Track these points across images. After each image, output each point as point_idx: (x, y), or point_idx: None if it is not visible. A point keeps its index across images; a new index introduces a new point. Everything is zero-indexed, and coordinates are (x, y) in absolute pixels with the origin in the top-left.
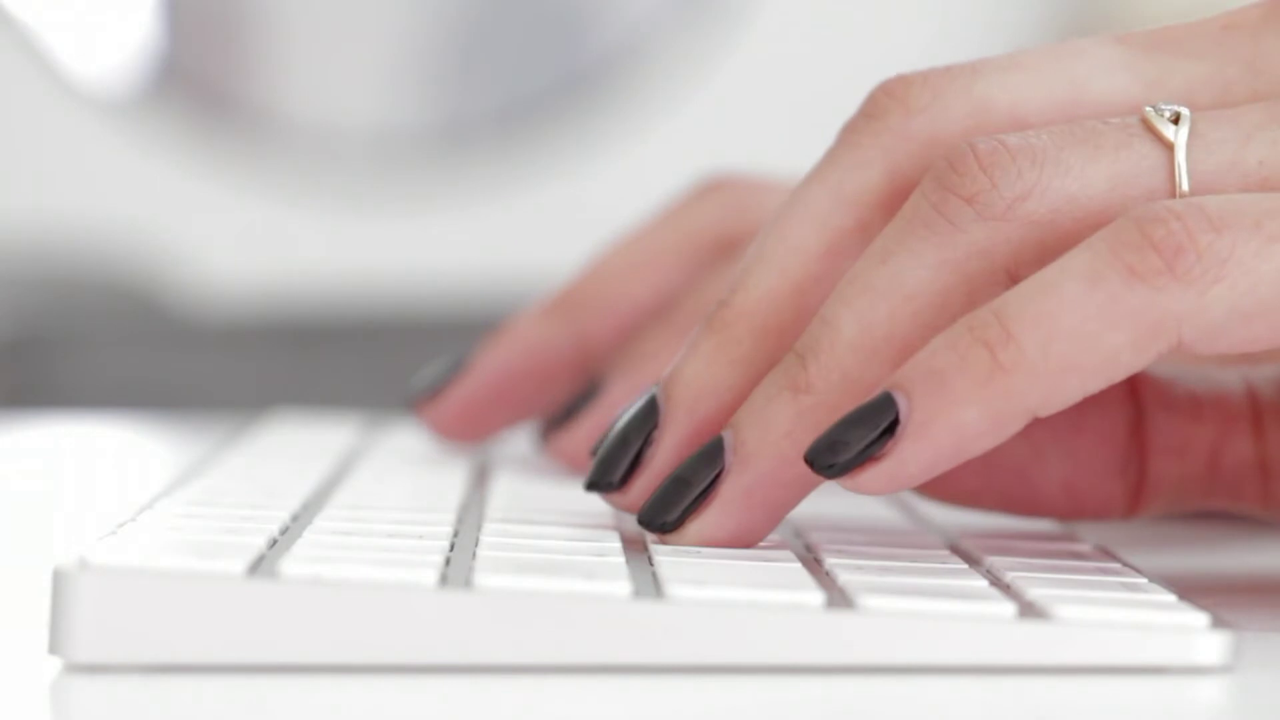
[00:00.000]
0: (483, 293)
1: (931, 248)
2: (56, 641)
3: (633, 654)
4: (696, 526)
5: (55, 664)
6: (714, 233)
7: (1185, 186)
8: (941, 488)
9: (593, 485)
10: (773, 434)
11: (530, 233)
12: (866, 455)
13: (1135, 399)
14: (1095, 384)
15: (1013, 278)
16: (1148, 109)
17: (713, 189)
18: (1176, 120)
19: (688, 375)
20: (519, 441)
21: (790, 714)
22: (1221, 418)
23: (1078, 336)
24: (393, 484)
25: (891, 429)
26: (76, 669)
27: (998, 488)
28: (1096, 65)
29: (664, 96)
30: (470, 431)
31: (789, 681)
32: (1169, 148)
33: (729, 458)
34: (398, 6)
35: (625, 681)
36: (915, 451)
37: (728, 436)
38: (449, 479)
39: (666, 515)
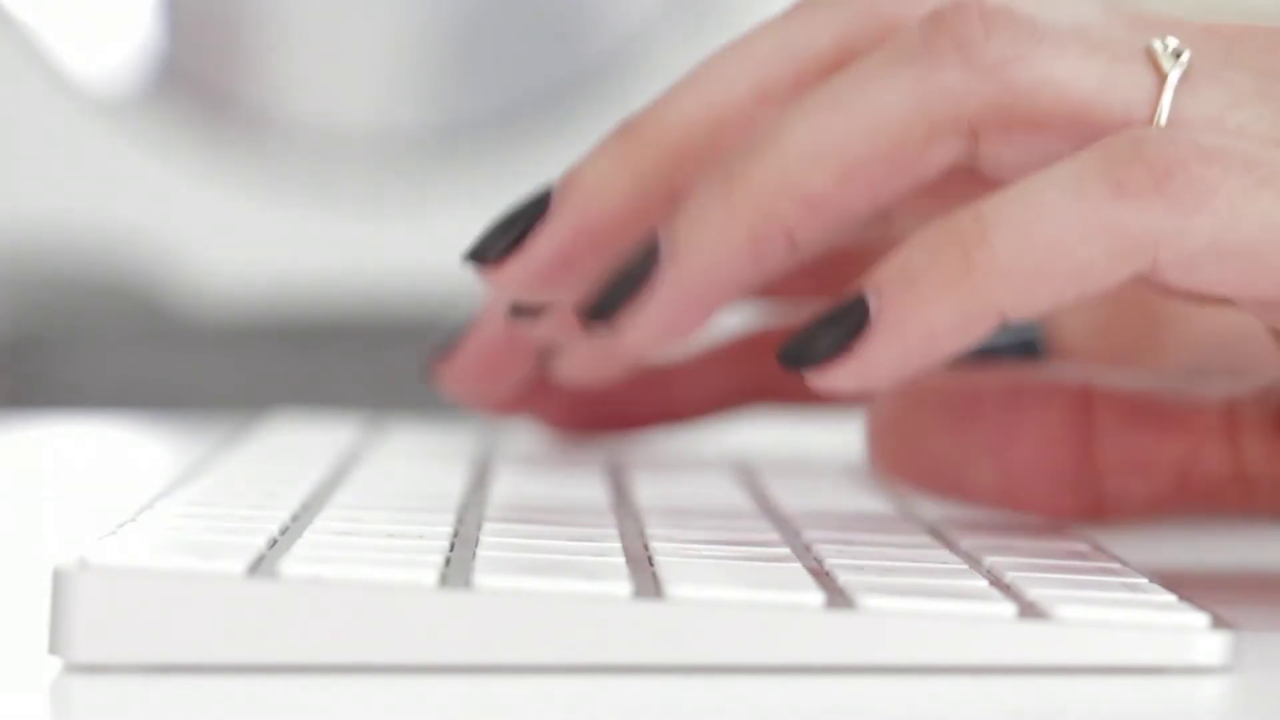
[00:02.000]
0: (482, 292)
1: (907, 77)
2: (56, 641)
3: (633, 654)
4: (635, 324)
5: (55, 664)
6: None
7: (1163, 123)
8: (888, 466)
9: (470, 256)
10: (707, 230)
11: None
12: (837, 348)
13: (1086, 418)
14: (1067, 293)
15: (975, 136)
16: (1154, 40)
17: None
18: (1177, 58)
19: (586, 174)
20: (519, 442)
21: (790, 714)
22: (1190, 434)
23: (1054, 242)
24: (393, 484)
25: (863, 325)
26: (76, 669)
27: (932, 483)
28: (1077, 11)
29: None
30: (488, 383)
31: (789, 681)
32: (1162, 79)
33: (664, 253)
34: (398, 6)
35: (625, 681)
36: (884, 347)
37: (664, 234)
38: (449, 479)
39: (605, 308)
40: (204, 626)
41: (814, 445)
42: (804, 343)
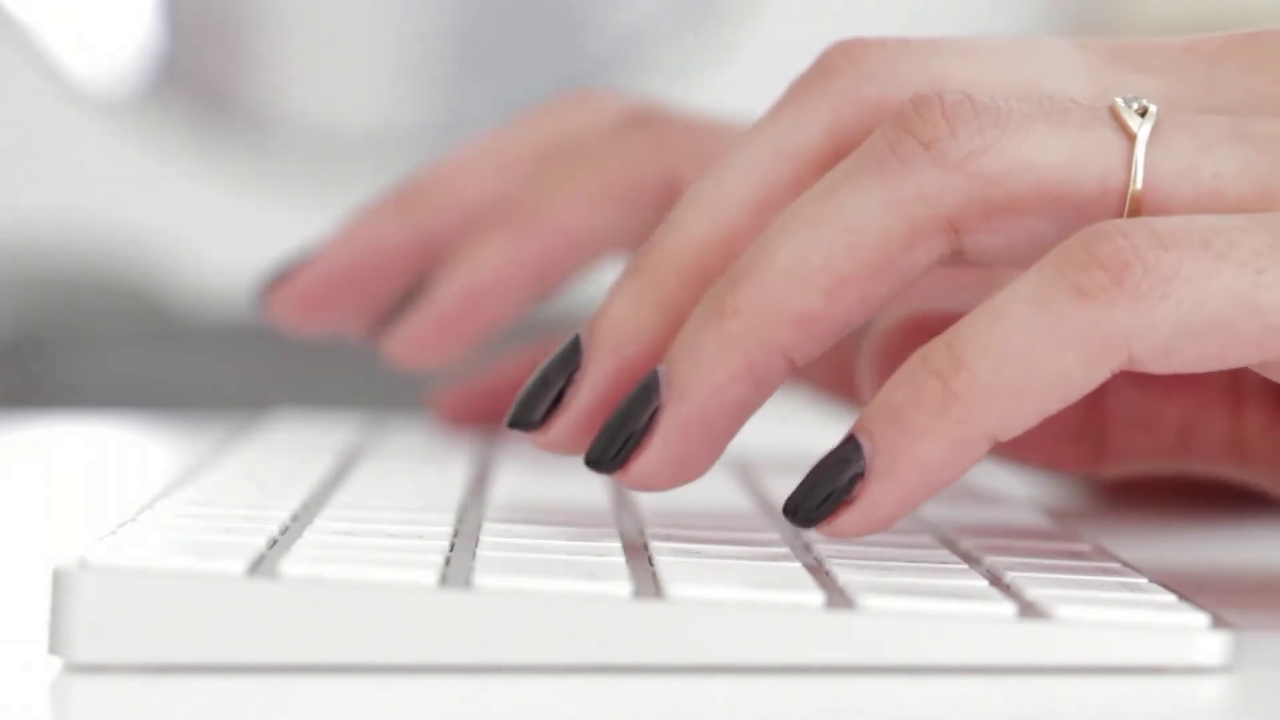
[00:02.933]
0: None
1: (879, 185)
2: (56, 641)
3: (633, 654)
4: (640, 465)
5: (55, 664)
6: (557, 140)
7: (1139, 183)
8: None
9: (514, 423)
10: (704, 363)
11: None
12: (839, 500)
13: None
14: (1050, 405)
15: (956, 230)
16: (1117, 99)
17: (568, 102)
18: (1143, 115)
19: (612, 316)
20: (519, 442)
21: (790, 714)
22: (1195, 397)
23: (1027, 358)
24: (393, 484)
25: (862, 472)
26: (76, 669)
27: None
28: (1053, 64)
29: (664, 97)
30: (312, 320)
31: (789, 681)
32: (1131, 139)
33: (664, 391)
34: (398, 7)
35: (625, 681)
36: (884, 491)
37: (662, 370)
38: (449, 479)
39: (609, 452)
40: (204, 626)
41: (814, 444)
42: (806, 497)
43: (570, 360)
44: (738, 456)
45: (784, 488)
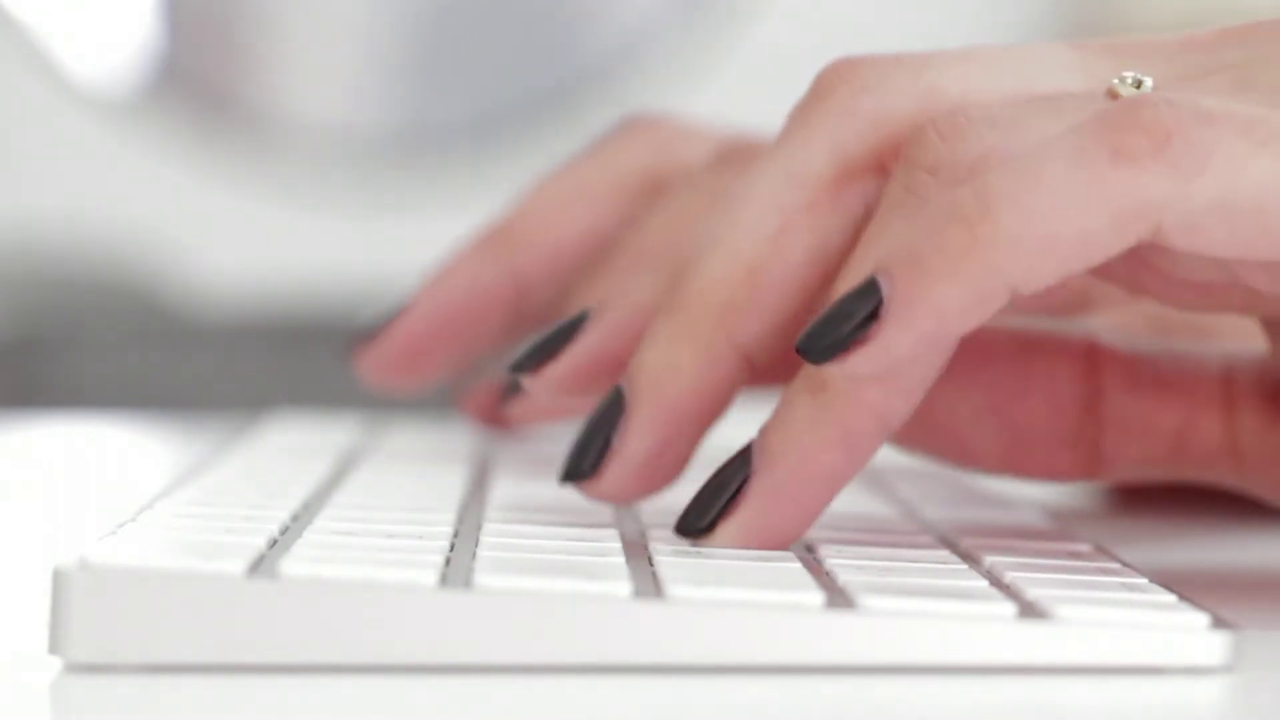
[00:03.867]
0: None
1: (903, 229)
2: (56, 641)
3: (633, 654)
4: (726, 529)
5: (55, 664)
6: (642, 171)
7: None
8: None
9: (567, 476)
10: (795, 431)
11: None
12: (854, 338)
13: (1094, 378)
14: (1074, 264)
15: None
16: (1114, 79)
17: (639, 128)
18: (1139, 87)
19: (649, 361)
20: (519, 442)
21: (790, 714)
22: (1189, 402)
23: (1057, 213)
24: (393, 484)
25: (877, 311)
26: (76, 669)
27: (934, 444)
28: (1048, 66)
29: (659, 99)
30: (411, 373)
31: (789, 681)
32: None
33: (756, 458)
34: (399, 7)
35: (625, 681)
36: (899, 332)
37: (755, 438)
38: (449, 479)
39: (699, 520)
40: (204, 626)
41: None
42: (820, 332)
43: (615, 409)
44: None
45: None
